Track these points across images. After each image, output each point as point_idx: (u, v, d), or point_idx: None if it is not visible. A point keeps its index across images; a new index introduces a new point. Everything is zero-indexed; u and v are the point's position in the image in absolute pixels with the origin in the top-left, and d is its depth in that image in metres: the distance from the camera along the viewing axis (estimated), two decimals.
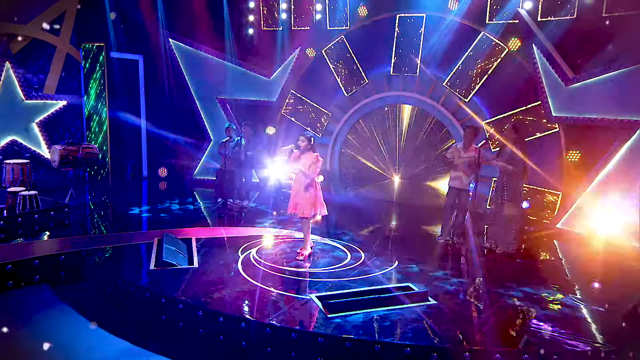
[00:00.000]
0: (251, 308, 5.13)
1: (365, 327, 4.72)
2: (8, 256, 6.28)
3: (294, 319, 4.88)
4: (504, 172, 7.08)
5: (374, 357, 4.40)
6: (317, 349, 4.51)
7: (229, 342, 4.86)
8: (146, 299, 5.44)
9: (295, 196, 6.51)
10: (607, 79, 8.11)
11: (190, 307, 5.09)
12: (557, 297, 5.76)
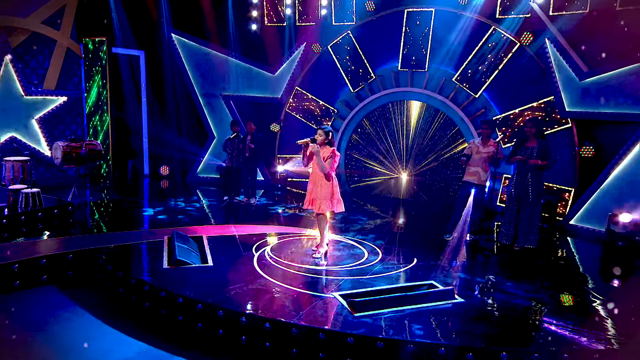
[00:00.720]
0: (273, 308, 4.91)
1: (394, 327, 4.53)
2: (14, 255, 6.02)
3: (319, 318, 4.67)
4: (529, 168, 6.89)
5: (407, 357, 4.20)
6: (347, 350, 4.31)
7: (252, 343, 4.64)
8: (161, 299, 5.19)
9: (312, 192, 6.30)
10: (623, 72, 7.98)
11: (209, 308, 4.85)
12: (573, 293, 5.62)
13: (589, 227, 8.25)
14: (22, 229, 7.32)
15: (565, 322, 4.74)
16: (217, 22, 11.17)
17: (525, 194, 7.00)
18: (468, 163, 7.45)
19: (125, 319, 5.27)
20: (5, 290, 5.72)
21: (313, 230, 7.77)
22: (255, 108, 11.32)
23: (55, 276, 6.09)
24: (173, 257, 6.01)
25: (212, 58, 11.29)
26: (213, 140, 11.51)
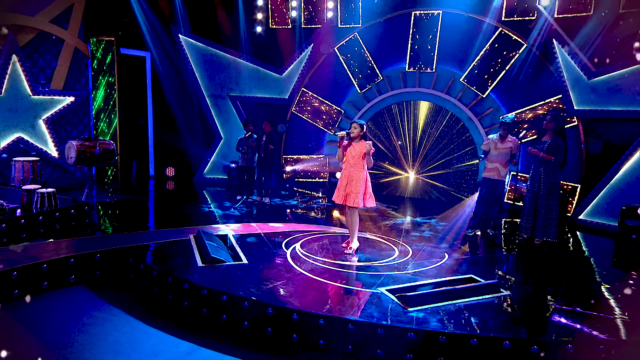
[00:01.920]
0: (322, 304, 4.66)
1: (452, 321, 4.32)
2: (40, 256, 5.61)
3: (372, 314, 4.43)
4: (541, 162, 6.79)
5: (469, 352, 4.00)
6: (407, 345, 4.08)
7: (305, 341, 4.38)
8: (203, 297, 4.88)
9: (346, 186, 6.05)
10: (630, 72, 7.99)
11: (257, 305, 4.57)
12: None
13: (599, 221, 8.23)
14: (40, 229, 6.90)
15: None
16: (224, 24, 10.85)
17: (539, 187, 6.90)
18: (487, 159, 7.32)
19: (164, 319, 4.93)
20: (35, 292, 5.33)
21: (336, 228, 7.56)
22: (262, 109, 11.03)
23: (83, 276, 5.72)
24: (207, 255, 5.69)
25: (220, 59, 10.96)
26: (220, 141, 11.17)
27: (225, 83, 11.03)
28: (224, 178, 11.13)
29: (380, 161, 10.51)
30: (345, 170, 6.13)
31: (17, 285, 5.20)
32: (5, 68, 8.81)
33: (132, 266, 5.75)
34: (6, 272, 5.13)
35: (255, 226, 7.44)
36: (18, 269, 5.21)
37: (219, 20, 10.82)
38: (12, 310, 5.01)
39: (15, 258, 5.55)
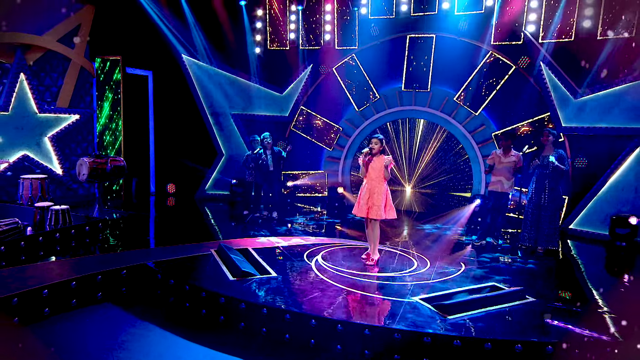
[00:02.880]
0: (363, 314, 4.57)
1: (491, 327, 4.30)
2: (67, 273, 5.33)
3: (414, 322, 4.36)
4: (547, 174, 6.93)
5: (514, 357, 3.98)
6: (453, 353, 4.03)
7: (349, 350, 4.27)
8: (241, 311, 4.72)
9: (368, 200, 6.01)
10: (614, 92, 8.29)
11: (300, 317, 4.44)
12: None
13: (589, 230, 8.42)
14: (57, 246, 6.59)
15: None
16: (226, 44, 10.76)
17: (544, 199, 7.04)
18: (492, 173, 7.43)
19: (200, 333, 4.74)
20: (64, 309, 5.05)
21: (349, 240, 7.50)
22: (264, 126, 10.88)
23: (109, 293, 5.46)
24: (237, 269, 5.53)
25: (222, 78, 10.83)
26: (222, 157, 10.97)
27: (226, 101, 10.88)
28: (225, 194, 10.91)
29: None
30: (366, 184, 6.10)
31: (48, 303, 4.92)
32: (13, 86, 8.47)
33: (160, 282, 5.52)
34: (37, 290, 4.85)
35: (272, 240, 7.29)
36: (49, 286, 4.94)
37: (220, 41, 10.71)
38: (42, 329, 4.72)
39: (45, 275, 5.28)
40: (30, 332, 4.63)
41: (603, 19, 8.49)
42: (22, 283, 4.93)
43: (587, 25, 8.62)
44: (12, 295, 4.63)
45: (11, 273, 5.32)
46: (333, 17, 10.48)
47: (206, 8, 10.33)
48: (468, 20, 9.52)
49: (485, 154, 9.64)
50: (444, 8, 9.65)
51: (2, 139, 8.42)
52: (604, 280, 6.18)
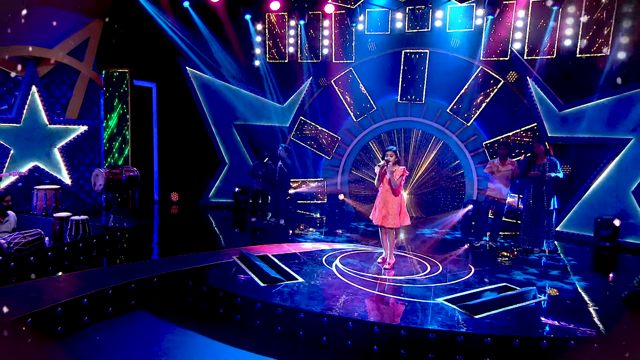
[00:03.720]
0: (396, 316, 4.70)
1: (515, 325, 4.50)
2: (101, 283, 5.28)
3: (444, 322, 4.53)
4: (544, 181, 7.26)
5: (540, 353, 4.18)
6: (484, 350, 4.21)
7: (387, 352, 4.40)
8: (278, 316, 4.79)
9: (382, 208, 6.17)
10: (594, 105, 8.72)
11: (337, 320, 4.55)
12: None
13: (574, 232, 8.81)
14: (80, 256, 6.50)
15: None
16: (230, 57, 10.78)
17: (542, 204, 7.35)
18: (490, 180, 7.71)
19: (239, 339, 4.77)
20: (102, 317, 5.01)
21: (360, 245, 7.64)
22: (265, 136, 10.98)
23: (142, 301, 5.44)
24: (265, 275, 5.59)
25: (224, 90, 10.85)
26: (225, 166, 10.98)
27: (230, 112, 10.91)
28: (228, 202, 10.90)
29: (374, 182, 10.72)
30: (381, 194, 6.26)
31: (87, 312, 4.88)
32: (25, 99, 8.30)
33: (192, 289, 5.53)
34: (77, 299, 4.81)
35: (286, 246, 7.36)
36: (88, 295, 4.90)
37: (225, 54, 10.73)
38: (85, 337, 4.69)
39: (81, 286, 5.22)
40: (74, 340, 4.59)
41: (581, 38, 8.94)
42: (63, 293, 4.88)
43: (568, 43, 9.05)
44: (56, 305, 4.58)
45: (46, 283, 5.25)
46: (331, 32, 10.66)
47: (211, 21, 10.34)
48: (460, 37, 9.85)
49: (477, 162, 10.00)
50: (436, 26, 9.96)
51: (14, 150, 8.23)
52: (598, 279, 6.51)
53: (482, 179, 9.90)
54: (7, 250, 5.84)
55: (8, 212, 6.37)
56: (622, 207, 8.43)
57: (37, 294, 4.93)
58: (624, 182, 8.45)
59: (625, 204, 8.42)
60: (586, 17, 8.79)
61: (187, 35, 10.37)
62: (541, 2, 9.07)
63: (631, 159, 8.41)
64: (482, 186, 9.94)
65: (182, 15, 10.09)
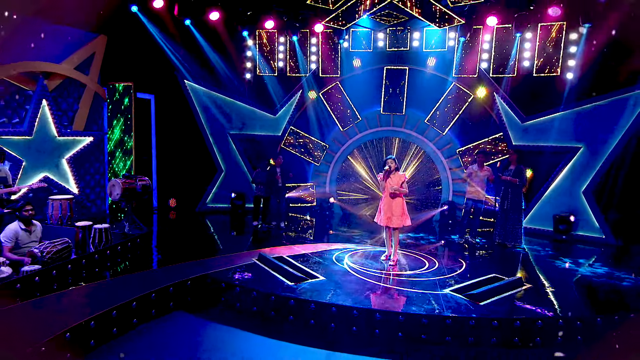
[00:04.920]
0: (414, 306, 5.18)
1: (514, 309, 5.11)
2: (141, 287, 5.45)
3: (457, 310, 5.05)
4: (509, 184, 8.02)
5: (537, 331, 4.81)
6: (492, 331, 4.79)
7: (409, 336, 4.88)
8: (311, 311, 5.17)
9: (387, 211, 6.65)
10: (550, 118, 9.64)
11: (365, 312, 5.00)
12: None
13: (537, 227, 9.68)
14: (107, 262, 6.59)
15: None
16: (224, 70, 10.96)
17: (509, 204, 8.12)
18: (469, 184, 8.40)
19: (277, 333, 5.10)
20: (148, 318, 5.21)
21: (360, 245, 8.09)
22: (259, 145, 11.24)
23: (178, 302, 5.66)
24: (290, 275, 5.94)
25: (220, 101, 11.02)
26: (221, 173, 11.15)
27: (224, 122, 11.08)
28: (225, 206, 11.08)
29: (360, 187, 11.26)
30: (385, 198, 6.75)
31: (136, 314, 5.07)
32: (37, 112, 8.18)
33: (224, 289, 5.79)
34: (128, 302, 4.99)
35: (296, 247, 7.71)
36: (137, 299, 5.09)
37: (222, 67, 10.90)
38: (137, 336, 4.89)
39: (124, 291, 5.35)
40: (129, 340, 4.78)
41: (537, 59, 9.83)
42: (111, 298, 5.02)
43: (526, 64, 9.93)
44: (112, 309, 4.75)
45: (94, 290, 5.38)
46: (318, 49, 11.08)
47: (209, 38, 10.49)
48: (435, 56, 10.54)
49: (452, 167, 10.73)
50: (414, 45, 10.61)
51: (26, 162, 8.11)
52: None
53: (457, 182, 10.66)
54: (40, 258, 5.89)
55: (34, 221, 6.35)
56: (575, 205, 9.39)
57: (88, 299, 5.06)
58: (575, 183, 9.41)
59: (577, 202, 9.38)
60: (540, 42, 9.69)
61: (186, 49, 10.47)
62: (504, 29, 9.90)
63: (581, 164, 9.39)
64: (456, 189, 10.72)
65: (182, 31, 10.18)
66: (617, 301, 5.75)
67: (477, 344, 4.78)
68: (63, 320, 4.36)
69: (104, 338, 4.66)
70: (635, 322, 5.07)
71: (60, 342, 4.13)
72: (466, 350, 4.72)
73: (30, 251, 5.93)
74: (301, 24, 10.63)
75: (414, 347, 4.79)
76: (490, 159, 10.09)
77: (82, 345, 4.38)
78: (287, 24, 10.61)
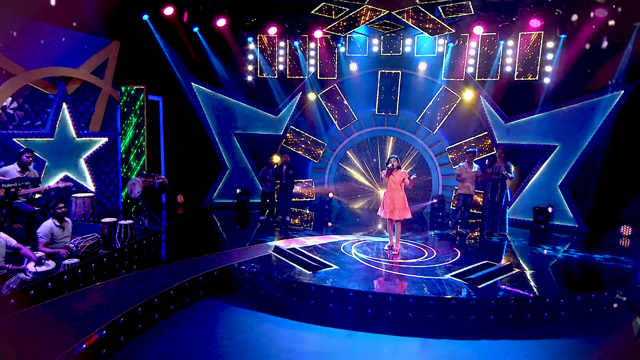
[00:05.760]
0: (423, 290, 5.66)
1: (506, 290, 5.66)
2: (180, 277, 5.79)
3: (459, 291, 5.56)
4: (500, 179, 8.60)
5: (527, 308, 5.36)
6: (490, 309, 5.32)
7: (417, 318, 5.36)
8: (330, 296, 5.60)
9: (390, 204, 7.12)
10: (530, 119, 10.25)
11: (379, 296, 5.45)
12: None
13: (519, 218, 10.30)
14: (135, 256, 6.89)
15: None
16: (229, 73, 11.24)
17: (499, 198, 8.71)
18: (460, 180, 8.94)
19: (300, 316, 5.51)
20: (182, 306, 5.57)
21: (362, 236, 8.55)
22: (262, 144, 11.56)
23: (207, 290, 6.02)
24: (307, 264, 6.36)
25: (226, 103, 11.30)
26: (227, 170, 11.45)
27: (230, 122, 11.37)
28: (231, 202, 11.39)
29: (356, 182, 11.72)
30: (388, 193, 7.21)
31: (173, 302, 5.43)
32: (57, 115, 8.35)
33: (248, 279, 6.17)
34: (166, 291, 5.34)
35: (303, 240, 8.11)
36: (173, 288, 5.44)
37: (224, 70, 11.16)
38: (174, 322, 5.24)
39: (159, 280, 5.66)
40: (169, 324, 5.14)
41: (518, 65, 10.42)
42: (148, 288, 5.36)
43: (508, 70, 10.51)
44: (154, 297, 5.11)
45: (132, 281, 5.70)
46: (317, 53, 11.43)
47: (215, 43, 10.73)
48: (426, 61, 11.03)
49: (441, 163, 11.28)
50: (406, 51, 11.08)
51: (48, 162, 8.29)
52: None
53: (446, 178, 11.22)
54: (75, 253, 6.18)
55: (66, 218, 6.60)
56: (552, 198, 10.05)
57: (129, 290, 5.38)
58: (553, 178, 10.07)
59: (554, 195, 10.04)
60: (521, 50, 10.27)
61: (193, 54, 10.68)
62: (490, 37, 10.44)
63: (557, 161, 10.03)
64: (445, 183, 11.28)
65: (190, 36, 10.40)
66: (593, 281, 6.37)
67: (477, 322, 5.31)
68: (113, 308, 4.70)
69: (149, 324, 5.01)
70: (609, 299, 5.69)
71: (116, 327, 4.47)
72: (467, 326, 5.25)
73: (67, 246, 6.21)
74: (301, 30, 10.97)
75: (425, 325, 5.29)
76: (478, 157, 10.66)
77: (130, 330, 4.73)
78: (289, 30, 10.93)
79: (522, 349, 4.86)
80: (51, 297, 4.99)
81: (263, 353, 4.65)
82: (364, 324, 5.36)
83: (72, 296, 5.09)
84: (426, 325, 5.31)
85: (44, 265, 5.53)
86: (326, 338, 5.04)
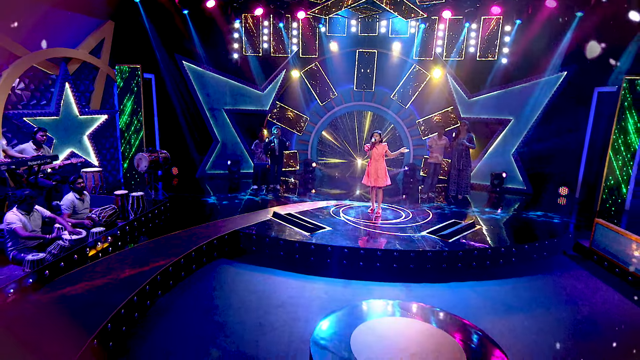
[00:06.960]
0: (405, 245, 6.48)
1: (471, 243, 6.59)
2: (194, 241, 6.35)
3: (434, 246, 6.43)
4: (464, 149, 9.46)
5: (487, 256, 6.32)
6: (459, 258, 6.24)
7: (400, 268, 6.21)
8: (328, 253, 6.34)
9: (374, 173, 7.84)
10: (490, 95, 11.10)
11: (370, 252, 6.24)
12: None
13: (478, 182, 11.34)
14: (150, 224, 7.34)
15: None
16: (220, 51, 11.36)
17: (463, 165, 9.61)
18: (430, 151, 9.76)
19: (304, 270, 6.24)
20: (201, 265, 6.16)
21: (347, 201, 9.28)
22: (249, 118, 11.91)
23: (220, 252, 6.62)
24: (305, 227, 7.04)
25: (215, 80, 11.48)
26: (217, 144, 11.78)
27: (219, 98, 11.60)
28: (222, 172, 11.81)
29: (336, 152, 12.37)
30: (372, 164, 7.91)
31: (195, 262, 6.02)
32: (61, 94, 8.40)
33: (256, 241, 6.80)
34: (189, 253, 5.91)
35: (297, 205, 8.75)
36: (195, 250, 6.01)
37: (216, 48, 11.27)
38: (199, 279, 5.85)
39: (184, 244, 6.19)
40: (195, 281, 5.75)
41: (480, 46, 11.14)
42: (173, 251, 5.91)
43: (472, 50, 11.22)
44: (182, 257, 5.69)
45: (158, 244, 6.21)
46: (299, 33, 11.69)
47: (205, 23, 10.79)
48: (399, 41, 11.54)
49: (413, 134, 12.06)
50: (381, 32, 11.54)
51: (56, 140, 8.42)
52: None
53: (417, 148, 12.04)
54: (98, 222, 6.59)
55: (84, 192, 6.93)
56: (506, 165, 11.09)
57: (154, 253, 5.90)
58: (507, 148, 11.07)
59: (507, 162, 11.09)
60: (482, 32, 10.96)
61: (184, 34, 10.72)
62: (456, 20, 11.04)
63: (511, 132, 11.01)
64: (415, 153, 12.11)
65: (182, 17, 10.41)
66: (532, 234, 7.42)
67: (448, 269, 6.23)
68: (149, 269, 5.24)
69: (176, 280, 5.61)
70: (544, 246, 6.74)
71: (155, 283, 5.05)
72: (440, 272, 6.16)
73: (89, 216, 6.60)
74: (285, 11, 11.15)
75: (407, 274, 6.15)
76: (446, 129, 11.51)
77: (163, 285, 5.31)
78: (274, 12, 11.09)
79: (484, 288, 5.82)
80: (90, 261, 5.46)
81: (277, 300, 5.37)
82: (357, 273, 6.16)
83: (109, 259, 5.58)
84: (408, 273, 6.17)
85: (76, 234, 5.94)
86: (328, 286, 5.81)
